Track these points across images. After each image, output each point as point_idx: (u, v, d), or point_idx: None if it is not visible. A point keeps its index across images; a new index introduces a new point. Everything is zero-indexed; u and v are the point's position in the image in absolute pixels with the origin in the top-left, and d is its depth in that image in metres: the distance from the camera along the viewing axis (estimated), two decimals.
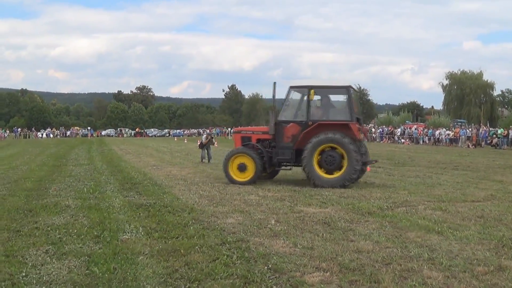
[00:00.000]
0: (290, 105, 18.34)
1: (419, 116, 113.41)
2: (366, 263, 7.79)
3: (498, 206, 13.27)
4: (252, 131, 19.09)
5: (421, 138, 62.87)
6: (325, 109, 18.30)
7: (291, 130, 17.60)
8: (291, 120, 17.88)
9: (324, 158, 16.87)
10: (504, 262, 7.85)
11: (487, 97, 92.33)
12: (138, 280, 6.88)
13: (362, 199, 14.20)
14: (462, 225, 10.68)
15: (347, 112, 17.37)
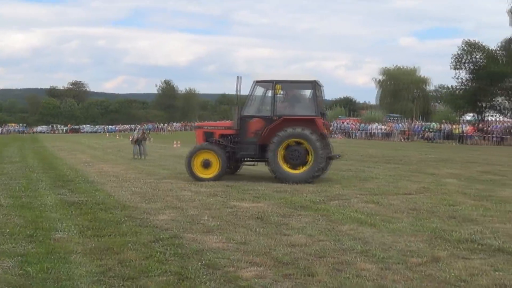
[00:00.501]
0: (254, 100, 18.22)
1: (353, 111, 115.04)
2: (300, 256, 7.79)
3: (431, 198, 13.55)
4: (214, 126, 19.07)
5: (354, 132, 63.82)
6: (290, 104, 18.29)
7: (255, 125, 17.51)
8: (256, 115, 17.81)
9: (289, 153, 16.86)
10: (437, 253, 7.98)
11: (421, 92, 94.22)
12: (72, 279, 6.70)
13: (295, 193, 14.27)
14: (395, 218, 10.84)
15: (312, 107, 17.48)
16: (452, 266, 7.29)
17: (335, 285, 6.55)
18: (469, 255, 7.97)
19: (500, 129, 48.53)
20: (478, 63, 69.05)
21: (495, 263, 7.50)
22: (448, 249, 8.29)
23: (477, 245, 8.52)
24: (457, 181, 17.66)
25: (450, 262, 7.53)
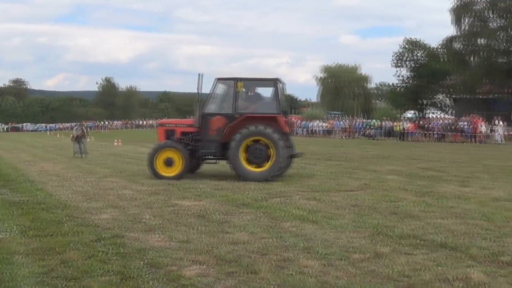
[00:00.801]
0: (216, 97, 18.09)
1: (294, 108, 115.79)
2: (242, 254, 7.78)
3: (372, 195, 13.69)
4: (176, 124, 18.97)
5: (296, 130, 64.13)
6: (252, 102, 18.14)
7: (216, 122, 17.37)
8: (217, 113, 17.70)
9: (251, 151, 16.81)
10: (379, 249, 8.06)
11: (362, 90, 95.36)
12: (15, 280, 6.58)
13: (236, 191, 14.25)
14: (337, 214, 10.92)
15: (274, 105, 17.38)
16: (395, 262, 7.36)
17: (278, 282, 6.54)
18: (412, 250, 8.06)
19: (440, 126, 49.44)
20: (419, 61, 70.30)
21: (437, 258, 7.61)
22: (390, 245, 8.37)
23: (419, 240, 8.63)
24: (398, 177, 17.89)
25: (393, 257, 7.60)
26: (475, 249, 8.03)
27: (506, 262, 7.40)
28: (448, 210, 11.47)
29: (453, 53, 58.44)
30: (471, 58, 58.09)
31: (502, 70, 55.25)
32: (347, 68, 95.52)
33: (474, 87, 58.87)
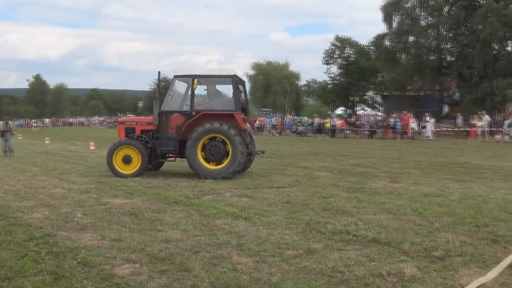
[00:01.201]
0: (174, 94, 17.97)
1: None
2: (175, 252, 7.76)
3: (304, 191, 13.77)
4: (136, 122, 18.83)
5: None
6: (209, 99, 18.02)
7: (175, 120, 17.26)
8: (175, 110, 17.59)
9: (208, 149, 16.72)
10: (312, 245, 8.11)
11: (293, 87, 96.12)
12: None
13: (168, 189, 14.19)
14: (269, 211, 10.96)
15: (231, 102, 17.31)
16: (327, 258, 7.42)
17: (211, 280, 6.53)
18: (344, 246, 8.14)
19: (370, 123, 50.26)
20: (349, 58, 71.30)
21: (370, 253, 7.71)
22: (323, 241, 8.44)
23: (351, 236, 8.72)
24: (330, 173, 18.08)
25: (326, 253, 7.66)
26: (407, 244, 8.16)
27: (438, 257, 7.55)
28: (380, 206, 11.64)
29: (383, 50, 59.43)
30: (401, 56, 59.15)
31: (432, 67, 56.54)
32: (277, 65, 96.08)
33: (404, 84, 60.14)
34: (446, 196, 13.20)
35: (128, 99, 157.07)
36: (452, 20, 53.22)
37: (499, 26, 47.66)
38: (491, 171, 19.35)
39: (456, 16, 52.21)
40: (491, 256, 7.64)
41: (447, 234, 8.86)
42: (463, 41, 51.71)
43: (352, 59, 70.59)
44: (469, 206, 11.65)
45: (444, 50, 58.28)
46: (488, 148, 33.44)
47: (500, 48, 52.56)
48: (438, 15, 55.46)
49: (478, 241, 8.48)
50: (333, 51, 72.24)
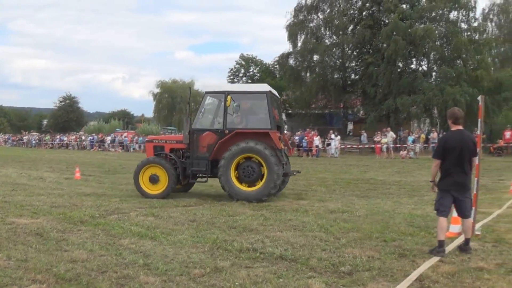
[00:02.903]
0: (205, 112, 17.32)
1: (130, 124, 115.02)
2: (82, 272, 7.64)
3: (210, 209, 13.81)
4: (165, 140, 18.01)
5: (132, 145, 63.61)
6: (243, 116, 17.15)
7: (206, 139, 16.62)
8: (207, 128, 16.97)
9: (242, 169, 15.99)
10: (219, 263, 8.13)
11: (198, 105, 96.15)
12: None
13: (73, 208, 13.88)
14: (176, 230, 10.92)
15: (267, 119, 16.38)
16: (235, 276, 7.44)
17: None
18: (252, 263, 8.19)
19: None
20: (254, 77, 72.02)
21: (277, 270, 7.77)
22: (230, 259, 8.46)
23: (258, 253, 8.79)
24: None
25: (233, 271, 7.68)
26: (315, 261, 8.28)
27: (346, 272, 7.71)
28: (286, 223, 11.78)
29: (288, 69, 60.22)
30: (306, 74, 60.14)
31: (336, 86, 57.66)
32: (182, 84, 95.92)
33: (309, 102, 61.00)
34: (352, 212, 13.50)
35: (33, 116, 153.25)
36: (356, 39, 54.54)
37: (404, 44, 49.20)
38: (397, 186, 19.92)
39: (361, 35, 53.49)
40: (399, 270, 7.85)
41: (354, 250, 9.05)
42: (367, 59, 52.96)
43: (257, 78, 71.29)
44: (376, 222, 11.96)
45: (349, 68, 59.60)
46: (393, 164, 34.35)
47: (404, 65, 54.20)
48: (343, 34, 56.76)
49: (385, 255, 8.70)
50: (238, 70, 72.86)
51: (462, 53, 51.19)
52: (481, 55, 51.58)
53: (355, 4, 57.85)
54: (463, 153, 9.01)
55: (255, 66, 72.96)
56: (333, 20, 57.01)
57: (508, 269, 7.97)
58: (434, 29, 50.42)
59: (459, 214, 9.49)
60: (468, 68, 50.75)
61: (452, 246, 9.44)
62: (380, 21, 55.45)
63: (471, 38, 51.33)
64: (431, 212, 12.54)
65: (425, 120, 55.59)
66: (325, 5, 58.42)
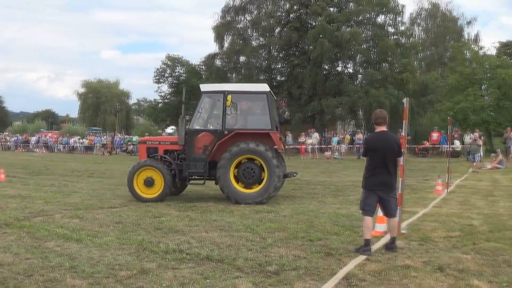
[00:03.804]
0: (203, 112, 16.80)
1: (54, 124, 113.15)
2: (8, 276, 7.53)
3: (135, 211, 13.70)
4: (159, 141, 17.34)
5: (56, 146, 62.52)
6: (242, 117, 16.77)
7: (204, 140, 16.08)
8: (204, 129, 16.49)
9: (242, 171, 15.60)
10: (146, 265, 8.11)
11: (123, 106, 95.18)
12: None
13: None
14: (101, 232, 10.81)
15: (267, 119, 16.01)
16: (161, 277, 7.44)
17: None
18: (178, 265, 8.19)
19: None
20: (180, 77, 71.70)
21: (204, 271, 7.79)
22: (156, 260, 8.44)
23: (185, 254, 8.80)
24: None
25: (160, 273, 7.67)
26: (241, 261, 8.33)
27: (273, 271, 7.78)
28: (212, 224, 11.82)
29: (214, 70, 60.24)
30: (232, 75, 60.29)
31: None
32: (108, 84, 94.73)
33: None
34: (278, 212, 13.63)
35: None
36: (283, 41, 54.98)
37: (330, 47, 49.87)
38: (322, 186, 20.20)
39: (288, 37, 53.96)
40: (326, 268, 7.97)
41: (280, 249, 9.14)
42: (294, 61, 53.45)
43: (183, 78, 71.02)
44: (301, 221, 12.10)
45: (275, 70, 60.03)
46: (318, 165, 34.76)
47: (330, 68, 54.96)
48: (269, 36, 57.15)
49: (311, 254, 8.82)
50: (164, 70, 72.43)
51: (388, 56, 52.34)
52: (407, 59, 52.84)
53: (283, 6, 58.39)
54: (387, 153, 9.20)
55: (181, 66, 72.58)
56: (260, 21, 57.34)
57: (434, 266, 8.17)
58: (361, 33, 51.39)
59: (385, 214, 9.68)
60: (394, 71, 51.86)
61: (378, 245, 9.62)
62: (307, 24, 56.08)
63: (397, 42, 52.56)
64: (356, 211, 12.78)
65: (350, 122, 56.52)
66: (252, 6, 58.74)
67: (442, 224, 11.91)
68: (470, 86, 45.78)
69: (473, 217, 13.06)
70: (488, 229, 11.33)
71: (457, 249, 9.49)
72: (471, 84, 46.18)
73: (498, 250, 9.36)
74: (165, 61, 72.57)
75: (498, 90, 44.52)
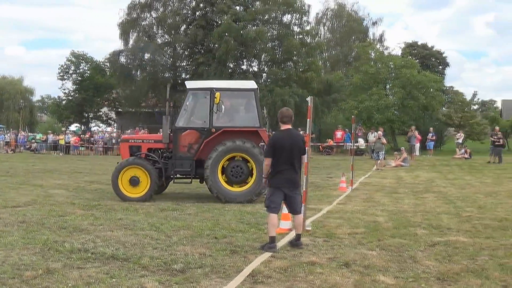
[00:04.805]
0: (189, 109, 16.15)
1: None
2: None
3: (40, 210, 13.48)
4: (142, 140, 17.02)
5: None
6: (229, 114, 16.22)
7: (190, 138, 15.71)
8: (191, 127, 16.08)
9: (230, 169, 15.23)
10: (51, 264, 8.03)
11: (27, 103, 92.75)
12: None
13: None
14: (5, 231, 10.60)
15: (255, 117, 15.73)
16: (67, 277, 7.40)
17: None
18: (84, 264, 8.15)
19: (105, 139, 50.09)
20: (84, 74, 70.40)
21: (110, 270, 7.79)
22: (61, 260, 8.37)
23: (90, 254, 8.76)
24: (65, 191, 17.84)
25: (65, 272, 7.62)
26: (147, 259, 8.37)
27: (178, 270, 7.86)
28: (117, 222, 11.78)
29: (118, 67, 59.52)
30: (137, 73, 59.78)
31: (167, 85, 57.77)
32: (12, 80, 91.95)
33: (139, 101, 60.75)
34: (183, 210, 13.73)
35: None
36: (188, 39, 54.87)
37: (235, 45, 50.12)
38: None
39: (193, 35, 53.86)
40: (232, 266, 8.10)
41: (185, 247, 9.22)
42: (199, 59, 53.44)
43: (87, 75, 69.82)
44: (206, 219, 12.24)
45: (180, 67, 59.88)
46: None
47: (235, 66, 55.23)
48: (175, 33, 56.94)
49: (217, 252, 8.93)
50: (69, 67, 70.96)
51: (294, 56, 52.96)
52: (312, 58, 53.58)
53: (189, 4, 58.22)
54: (292, 151, 9.38)
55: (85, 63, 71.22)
56: (166, 19, 57.01)
57: (340, 262, 8.39)
58: (266, 31, 51.79)
59: (290, 211, 9.85)
60: (299, 70, 52.54)
61: (284, 242, 9.80)
62: (213, 22, 56.12)
63: (303, 41, 53.23)
64: (260, 208, 13.02)
65: None
66: (158, 3, 58.31)
67: (346, 221, 12.24)
68: (374, 85, 47.10)
69: (378, 213, 13.49)
70: (393, 226, 11.71)
71: (362, 245, 9.77)
72: (376, 83, 47.50)
73: (403, 246, 9.70)
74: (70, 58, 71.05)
75: (403, 89, 45.91)
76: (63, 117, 71.06)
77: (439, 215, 13.37)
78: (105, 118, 73.94)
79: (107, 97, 70.86)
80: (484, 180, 22.75)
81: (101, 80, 67.30)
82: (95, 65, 70.20)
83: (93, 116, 73.78)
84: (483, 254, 9.16)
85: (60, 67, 71.28)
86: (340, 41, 69.58)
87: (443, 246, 9.72)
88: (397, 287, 7.24)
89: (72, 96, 71.03)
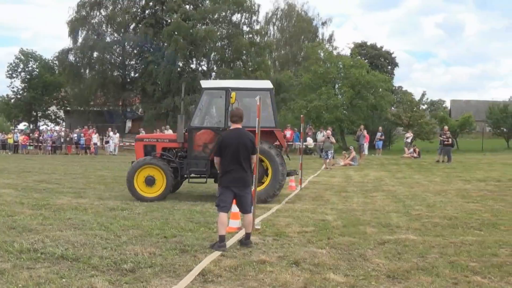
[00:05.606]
0: (204, 109, 15.85)
1: None
2: None
3: None
4: (156, 139, 16.61)
5: None
6: (244, 114, 15.34)
7: (205, 137, 15.34)
8: (206, 127, 15.94)
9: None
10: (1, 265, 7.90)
11: None
12: None
13: None
14: None
15: (271, 117, 15.51)
16: (17, 277, 7.28)
17: None
18: (33, 264, 8.04)
19: (53, 138, 49.47)
20: (33, 72, 69.43)
21: (60, 270, 7.70)
22: (11, 260, 8.24)
23: (39, 254, 8.63)
24: (14, 191, 17.53)
25: (15, 273, 7.50)
26: (96, 259, 8.29)
27: (128, 269, 7.81)
28: (66, 222, 11.64)
29: (67, 65, 58.88)
30: (85, 71, 59.26)
31: (116, 83, 57.45)
32: None
33: (88, 100, 60.20)
34: (132, 209, 13.65)
35: None
36: (138, 37, 54.58)
37: (185, 44, 50.01)
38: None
39: (143, 34, 53.62)
40: (182, 265, 8.08)
41: (135, 247, 9.15)
42: (148, 58, 53.22)
43: (36, 73, 68.87)
44: (155, 218, 12.18)
45: (129, 66, 59.59)
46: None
47: (184, 65, 55.11)
48: (124, 31, 56.58)
49: (167, 251, 8.90)
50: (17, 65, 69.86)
51: (243, 55, 53.12)
52: (262, 57, 53.79)
53: (139, 2, 58.06)
54: (239, 150, 9.41)
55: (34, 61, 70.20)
56: (116, 17, 56.68)
57: (290, 261, 8.43)
58: (215, 31, 51.89)
59: (240, 209, 9.86)
60: (248, 69, 52.68)
61: (233, 241, 9.82)
62: (163, 21, 56.00)
63: (252, 41, 53.45)
64: (210, 208, 13.05)
65: None
66: (108, 1, 57.99)
67: (296, 220, 12.31)
68: (323, 85, 47.35)
69: (327, 212, 13.57)
70: (342, 224, 11.79)
71: (312, 243, 9.83)
72: (325, 83, 47.81)
73: (353, 244, 9.78)
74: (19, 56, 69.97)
75: (352, 89, 46.37)
76: (11, 116, 70.01)
77: (389, 213, 13.53)
78: (53, 117, 73.08)
79: (56, 96, 70.07)
80: (433, 179, 23.02)
81: (50, 78, 66.48)
82: (44, 64, 69.30)
83: (42, 114, 72.82)
84: (433, 252, 9.29)
85: (8, 65, 70.22)
86: (289, 41, 70.03)
87: (392, 244, 9.83)
88: (347, 285, 7.30)
89: (21, 94, 70.04)
